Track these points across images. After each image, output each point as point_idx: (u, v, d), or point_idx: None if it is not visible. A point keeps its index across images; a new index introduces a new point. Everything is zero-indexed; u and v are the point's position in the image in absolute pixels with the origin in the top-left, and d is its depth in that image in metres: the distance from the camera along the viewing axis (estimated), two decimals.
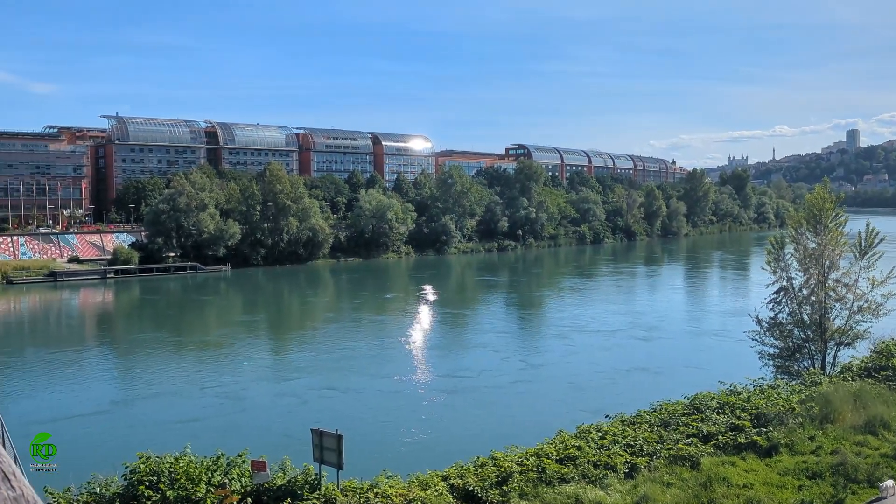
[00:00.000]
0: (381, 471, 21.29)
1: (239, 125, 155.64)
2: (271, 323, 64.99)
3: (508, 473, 19.85)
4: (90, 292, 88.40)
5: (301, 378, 40.71)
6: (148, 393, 38.25)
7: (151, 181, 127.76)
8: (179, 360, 47.30)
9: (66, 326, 68.06)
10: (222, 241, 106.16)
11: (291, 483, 19.85)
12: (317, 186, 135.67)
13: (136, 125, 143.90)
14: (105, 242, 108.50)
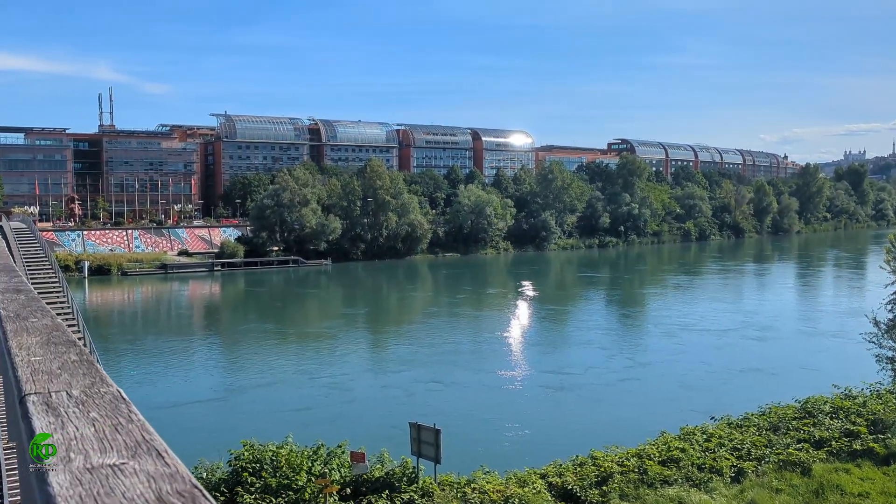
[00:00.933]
0: (479, 466, 20.93)
1: (341, 122, 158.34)
2: (371, 316, 65.66)
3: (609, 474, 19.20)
4: (198, 284, 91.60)
5: (400, 371, 40.78)
6: (252, 382, 39.09)
7: (257, 177, 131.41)
8: (283, 351, 48.25)
9: (177, 317, 70.65)
10: (323, 236, 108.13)
11: (389, 475, 19.78)
12: (416, 182, 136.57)
13: (243, 123, 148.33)
14: (212, 236, 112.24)
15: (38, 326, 2.65)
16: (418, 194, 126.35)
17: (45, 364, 1.96)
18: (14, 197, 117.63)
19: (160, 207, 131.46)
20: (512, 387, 37.30)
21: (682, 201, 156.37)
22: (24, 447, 1.33)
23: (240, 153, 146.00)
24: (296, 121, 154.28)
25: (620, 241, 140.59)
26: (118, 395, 1.57)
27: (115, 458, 1.05)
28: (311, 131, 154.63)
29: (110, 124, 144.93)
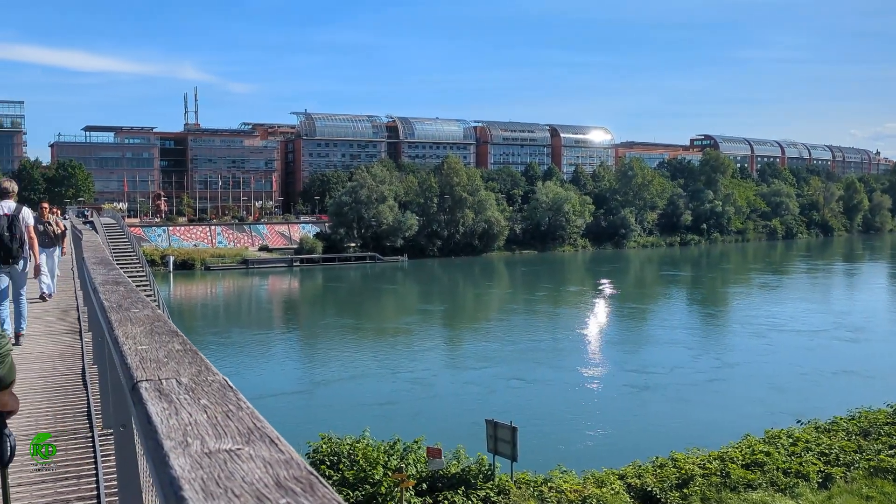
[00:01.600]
0: (556, 465, 20.77)
1: (419, 119, 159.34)
2: (448, 313, 65.90)
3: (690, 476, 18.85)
4: (278, 279, 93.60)
5: (476, 368, 40.81)
6: (330, 376, 39.72)
7: (335, 174, 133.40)
8: (360, 345, 48.88)
9: (257, 311, 72.36)
10: (400, 233, 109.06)
11: (465, 472, 19.82)
12: (493, 179, 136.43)
13: (323, 121, 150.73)
14: (292, 232, 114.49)
15: (141, 317, 2.72)
16: (495, 191, 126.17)
17: (151, 352, 2.01)
18: (104, 193, 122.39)
19: (242, 204, 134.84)
20: (591, 385, 36.91)
21: (767, 198, 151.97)
22: (141, 432, 1.38)
23: (319, 151, 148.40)
24: (374, 118, 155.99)
25: (703, 239, 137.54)
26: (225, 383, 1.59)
27: (231, 444, 1.08)
28: (388, 129, 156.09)
29: (195, 123, 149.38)
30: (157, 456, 1.09)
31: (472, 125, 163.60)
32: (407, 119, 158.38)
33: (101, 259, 6.75)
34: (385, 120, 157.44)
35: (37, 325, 11.00)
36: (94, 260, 6.42)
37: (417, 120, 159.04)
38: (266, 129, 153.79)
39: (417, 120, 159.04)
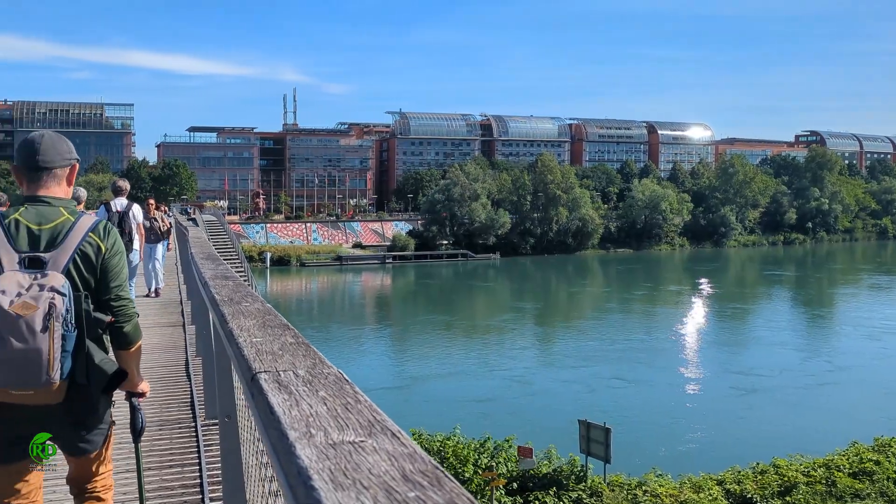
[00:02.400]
0: (651, 468, 20.37)
1: (513, 117, 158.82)
2: (541, 311, 65.46)
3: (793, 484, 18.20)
4: (370, 276, 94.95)
5: (570, 367, 40.37)
6: (422, 372, 40.02)
7: (429, 172, 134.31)
8: (452, 342, 49.08)
9: (351, 306, 73.59)
10: (493, 230, 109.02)
11: (557, 472, 19.65)
12: (588, 176, 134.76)
13: (417, 120, 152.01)
14: (385, 230, 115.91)
15: (252, 310, 2.78)
16: (590, 189, 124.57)
17: (266, 345, 2.05)
18: (206, 192, 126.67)
19: (337, 202, 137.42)
20: (689, 387, 36.00)
21: (878, 196, 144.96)
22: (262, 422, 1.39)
23: (413, 149, 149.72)
24: (468, 117, 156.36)
25: (808, 237, 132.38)
26: (340, 375, 1.60)
27: (353, 436, 1.09)
28: (482, 127, 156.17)
29: (293, 123, 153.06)
30: (282, 446, 1.10)
31: (566, 123, 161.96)
32: (501, 117, 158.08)
33: (209, 254, 6.97)
34: (479, 118, 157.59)
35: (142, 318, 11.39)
36: (202, 255, 6.64)
37: (511, 118, 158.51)
38: (361, 128, 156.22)
39: (511, 118, 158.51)
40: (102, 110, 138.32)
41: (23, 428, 2.83)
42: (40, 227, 2.82)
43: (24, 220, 2.82)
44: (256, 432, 4.38)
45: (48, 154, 2.93)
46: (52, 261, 2.77)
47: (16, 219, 2.82)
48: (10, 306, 2.61)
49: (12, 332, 2.60)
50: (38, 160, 2.92)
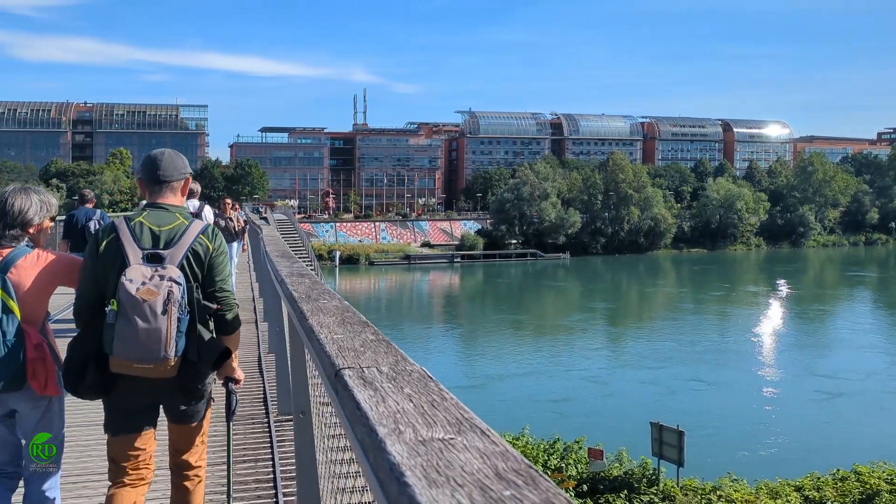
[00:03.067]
0: (725, 473, 19.86)
1: (583, 116, 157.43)
2: (612, 311, 64.63)
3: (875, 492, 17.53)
4: (439, 275, 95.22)
5: (642, 368, 39.71)
6: (490, 372, 39.89)
7: (498, 171, 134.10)
8: (521, 342, 48.85)
9: (421, 305, 73.97)
10: (562, 230, 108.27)
11: (628, 475, 19.33)
12: (660, 175, 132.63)
13: (486, 119, 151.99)
14: (453, 229, 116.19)
15: (330, 307, 2.77)
16: (662, 188, 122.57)
17: (347, 341, 2.02)
18: (277, 191, 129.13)
19: (405, 201, 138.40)
20: (767, 390, 35.00)
21: None
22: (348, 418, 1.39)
23: (482, 148, 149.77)
24: (538, 115, 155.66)
25: (890, 238, 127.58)
26: (424, 373, 1.59)
27: (442, 433, 1.08)
28: (552, 125, 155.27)
29: (363, 123, 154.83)
30: (371, 442, 1.11)
31: (638, 121, 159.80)
32: (571, 115, 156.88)
33: (283, 252, 7.07)
34: (549, 117, 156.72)
35: None
36: (277, 253, 6.72)
37: (582, 116, 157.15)
38: (431, 127, 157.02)
39: (582, 116, 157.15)
40: (178, 112, 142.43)
41: (142, 399, 3.36)
42: (160, 229, 3.33)
43: (146, 223, 3.33)
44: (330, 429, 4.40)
45: (167, 170, 3.47)
46: (169, 256, 3.27)
47: (140, 221, 3.34)
48: (136, 292, 3.11)
49: (138, 314, 3.09)
50: (158, 175, 3.46)
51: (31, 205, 3.50)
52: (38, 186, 3.82)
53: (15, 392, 3.34)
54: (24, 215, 3.47)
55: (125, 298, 3.12)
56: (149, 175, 3.48)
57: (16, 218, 3.45)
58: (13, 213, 3.45)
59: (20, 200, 3.48)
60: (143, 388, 3.30)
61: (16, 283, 3.32)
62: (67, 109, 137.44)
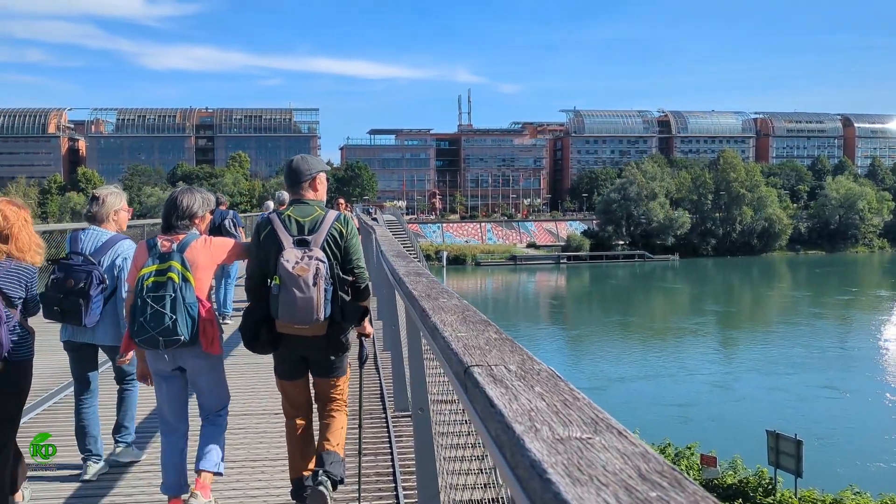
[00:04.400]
0: (847, 485, 19.01)
1: (692, 113, 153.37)
2: (725, 315, 62.57)
3: None
4: (545, 275, 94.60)
5: (757, 374, 38.31)
6: (599, 373, 39.30)
7: (604, 171, 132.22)
8: (631, 345, 47.98)
9: (527, 305, 73.70)
10: (671, 231, 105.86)
11: (743, 483, 18.77)
12: (775, 174, 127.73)
13: (591, 118, 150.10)
14: (559, 230, 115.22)
15: (450, 306, 2.83)
16: (777, 187, 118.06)
17: (471, 340, 2.06)
18: (385, 192, 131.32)
19: (511, 201, 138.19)
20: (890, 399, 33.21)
21: None
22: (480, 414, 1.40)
23: (587, 148, 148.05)
24: (644, 113, 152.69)
25: None
26: (552, 372, 1.59)
27: (579, 433, 1.07)
28: (660, 123, 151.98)
29: (468, 124, 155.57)
30: (507, 439, 1.11)
31: (751, 117, 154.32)
32: (679, 113, 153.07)
33: (398, 252, 7.22)
34: (656, 114, 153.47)
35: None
36: (392, 253, 6.88)
37: (691, 113, 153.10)
38: (535, 127, 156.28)
39: (691, 113, 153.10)
40: (291, 115, 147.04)
41: (300, 352, 4.22)
42: (304, 220, 4.14)
43: (293, 215, 4.15)
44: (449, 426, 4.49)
45: (301, 172, 4.23)
46: (313, 241, 4.07)
47: (288, 214, 4.15)
48: (292, 269, 3.92)
49: (296, 286, 3.91)
50: (297, 177, 4.24)
51: (195, 201, 4.33)
52: (200, 187, 4.74)
53: (187, 348, 4.07)
54: (191, 209, 4.29)
55: (284, 275, 3.94)
56: (290, 178, 4.28)
57: (185, 212, 4.26)
58: (182, 207, 4.27)
59: (187, 198, 4.32)
60: (301, 344, 4.16)
61: (190, 261, 4.12)
62: (191, 115, 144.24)
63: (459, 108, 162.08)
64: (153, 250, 4.14)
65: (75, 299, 4.67)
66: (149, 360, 4.24)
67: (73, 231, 5.12)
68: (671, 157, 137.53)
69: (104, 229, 5.03)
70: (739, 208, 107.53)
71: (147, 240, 4.27)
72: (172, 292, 4.01)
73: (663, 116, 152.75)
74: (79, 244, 4.92)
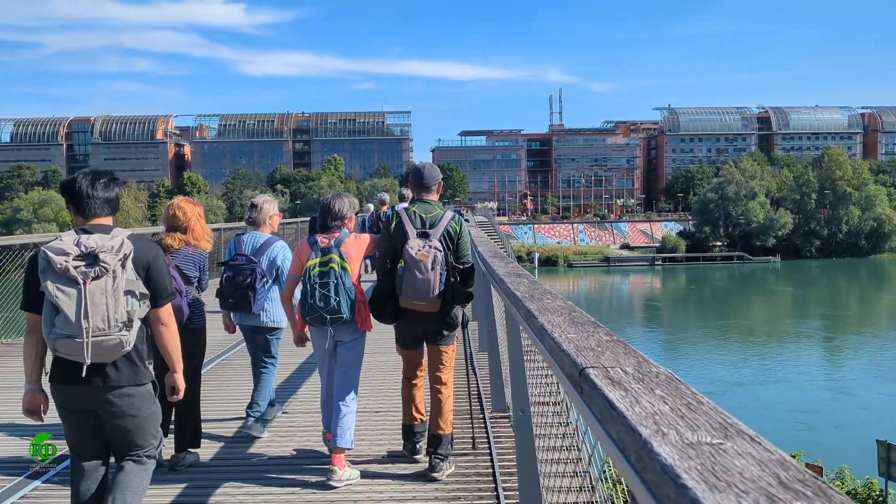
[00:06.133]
0: None
1: (794, 108, 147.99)
2: (832, 319, 59.97)
3: None
4: (639, 277, 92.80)
5: (867, 381, 36.62)
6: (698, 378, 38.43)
7: (700, 170, 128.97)
8: (731, 349, 46.60)
9: (623, 308, 72.53)
10: (772, 231, 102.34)
11: (851, 495, 17.99)
12: (885, 171, 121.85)
13: (687, 115, 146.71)
14: (653, 230, 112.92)
15: (555, 307, 2.82)
16: (887, 185, 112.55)
17: (582, 341, 2.05)
18: (477, 193, 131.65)
19: (603, 202, 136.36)
20: None
21: None
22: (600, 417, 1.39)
23: (682, 146, 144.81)
24: (743, 110, 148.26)
25: None
26: (671, 375, 1.58)
27: (709, 437, 1.03)
28: (759, 120, 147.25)
29: (559, 123, 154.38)
30: (633, 442, 1.08)
31: (857, 112, 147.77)
32: (780, 109, 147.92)
33: (495, 253, 7.23)
34: (755, 111, 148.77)
35: None
36: (490, 253, 6.89)
37: (792, 109, 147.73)
38: (628, 126, 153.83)
39: (792, 109, 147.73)
40: (384, 118, 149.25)
41: (418, 326, 5.09)
42: (426, 216, 5.04)
43: (418, 212, 5.06)
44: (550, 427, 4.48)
45: (427, 179, 5.21)
46: (432, 234, 4.94)
47: (413, 211, 5.06)
48: (415, 254, 4.80)
49: (418, 269, 4.79)
50: (423, 182, 5.21)
51: (344, 205, 5.20)
52: (345, 192, 5.69)
53: (345, 325, 4.96)
54: (341, 212, 5.16)
55: (409, 259, 4.82)
56: (416, 182, 5.24)
57: (336, 214, 5.14)
58: (335, 210, 5.15)
59: (338, 203, 5.20)
60: (418, 318, 4.99)
61: (346, 253, 4.99)
62: (288, 120, 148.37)
63: (550, 107, 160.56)
64: (314, 246, 5.05)
65: (244, 292, 5.79)
66: (314, 337, 5.20)
67: (236, 235, 6.31)
68: (772, 155, 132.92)
69: (261, 232, 6.10)
70: (846, 208, 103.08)
71: (308, 238, 5.21)
72: (335, 279, 4.91)
73: (763, 113, 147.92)
74: (241, 246, 6.02)
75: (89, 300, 3.30)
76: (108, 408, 3.53)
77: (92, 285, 3.32)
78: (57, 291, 3.30)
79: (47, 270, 3.35)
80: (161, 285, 3.61)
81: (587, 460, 4.48)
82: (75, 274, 3.31)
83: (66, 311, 3.29)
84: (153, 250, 3.67)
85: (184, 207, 5.32)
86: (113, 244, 3.41)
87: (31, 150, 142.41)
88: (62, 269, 3.31)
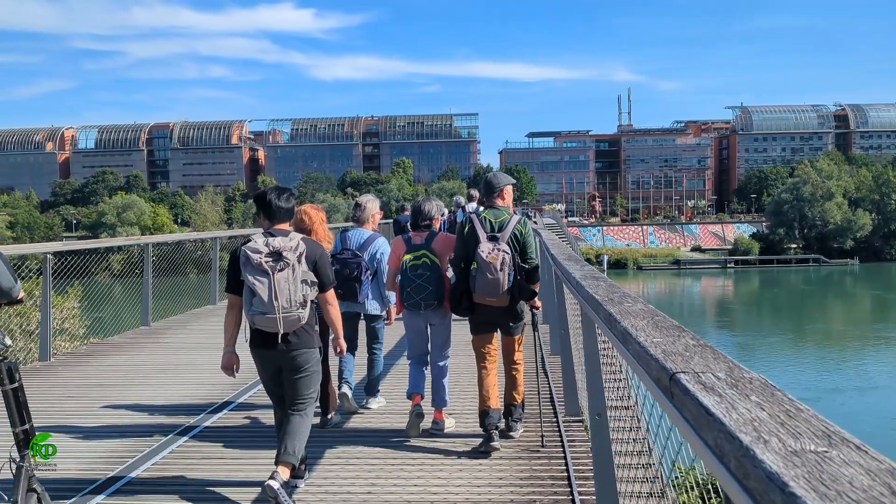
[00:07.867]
0: None
1: (873, 106, 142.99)
2: None
3: None
4: (711, 281, 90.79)
5: None
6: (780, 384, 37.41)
7: (774, 170, 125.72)
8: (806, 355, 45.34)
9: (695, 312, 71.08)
10: (849, 233, 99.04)
11: None
12: None
13: (760, 114, 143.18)
14: (725, 232, 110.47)
15: (637, 310, 2.80)
16: None
17: (668, 345, 2.02)
18: (544, 195, 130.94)
19: (674, 203, 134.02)
20: None
21: None
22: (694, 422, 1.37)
23: (755, 146, 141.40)
24: (819, 108, 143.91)
25: None
26: (765, 381, 1.56)
27: (812, 445, 1.01)
28: (836, 118, 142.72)
29: (628, 124, 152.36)
30: (733, 449, 1.07)
31: None
32: (859, 106, 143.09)
33: (569, 255, 7.17)
34: (832, 108, 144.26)
35: None
36: (564, 256, 6.84)
37: (871, 106, 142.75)
38: (699, 125, 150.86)
39: (871, 106, 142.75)
40: (451, 121, 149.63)
41: (488, 318, 5.65)
42: (495, 220, 5.58)
43: (488, 217, 5.60)
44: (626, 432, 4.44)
45: (493, 186, 5.75)
46: (501, 237, 5.48)
47: (484, 216, 5.61)
48: (486, 257, 5.37)
49: (488, 270, 5.37)
50: (491, 189, 5.75)
51: (432, 207, 6.09)
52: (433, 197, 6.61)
53: (436, 309, 5.83)
54: (430, 213, 6.04)
55: (480, 261, 5.40)
56: (486, 190, 5.83)
57: (426, 215, 6.02)
58: (425, 212, 6.02)
59: (427, 205, 6.08)
60: (489, 312, 5.58)
61: (435, 249, 5.83)
62: (358, 123, 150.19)
63: (619, 107, 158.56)
64: (409, 243, 5.92)
65: (351, 283, 6.50)
66: (408, 319, 6.04)
67: (342, 231, 6.97)
68: (849, 154, 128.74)
69: (364, 229, 6.79)
70: None
71: (403, 235, 6.09)
72: (427, 271, 5.76)
73: (840, 110, 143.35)
74: (347, 241, 6.70)
75: (277, 287, 4.37)
76: (290, 363, 4.59)
77: (278, 275, 4.38)
78: (255, 280, 4.37)
79: (246, 264, 4.41)
80: (325, 275, 4.70)
81: (657, 465, 4.46)
82: (266, 267, 4.38)
83: (261, 294, 4.35)
84: (319, 250, 4.76)
85: (310, 213, 6.06)
86: (291, 245, 4.47)
87: (115, 156, 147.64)
88: (257, 263, 4.38)
